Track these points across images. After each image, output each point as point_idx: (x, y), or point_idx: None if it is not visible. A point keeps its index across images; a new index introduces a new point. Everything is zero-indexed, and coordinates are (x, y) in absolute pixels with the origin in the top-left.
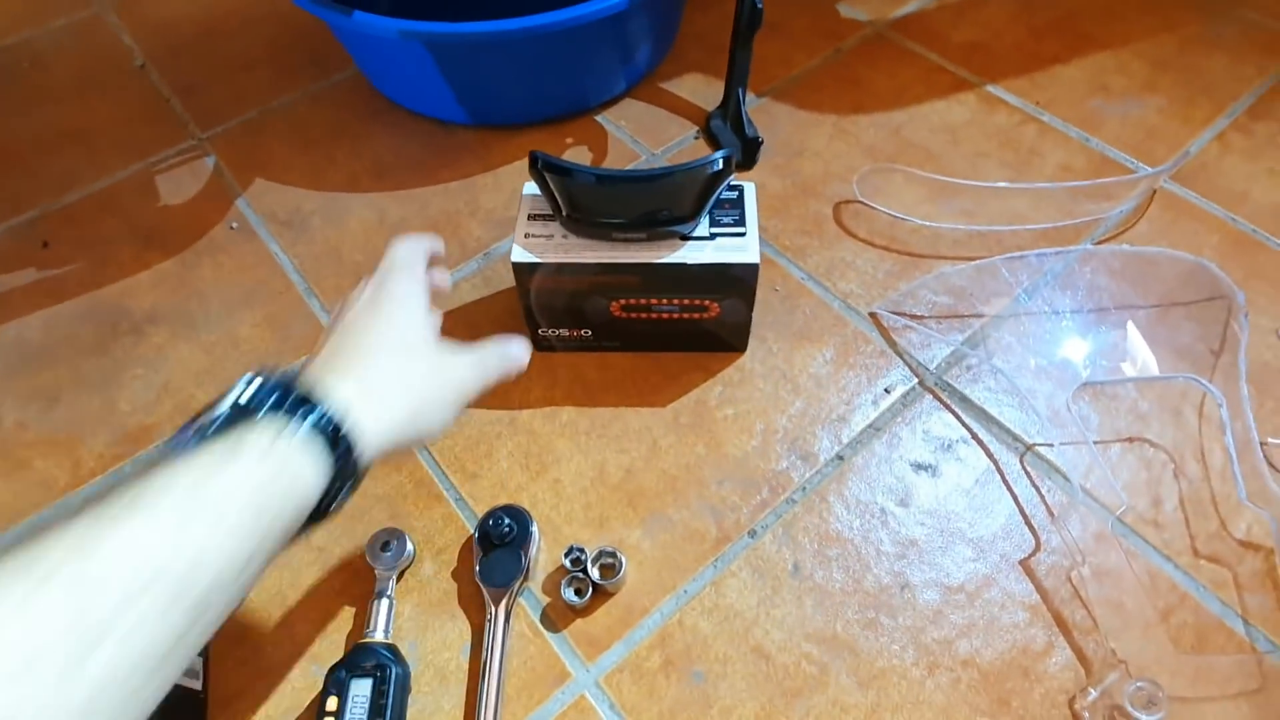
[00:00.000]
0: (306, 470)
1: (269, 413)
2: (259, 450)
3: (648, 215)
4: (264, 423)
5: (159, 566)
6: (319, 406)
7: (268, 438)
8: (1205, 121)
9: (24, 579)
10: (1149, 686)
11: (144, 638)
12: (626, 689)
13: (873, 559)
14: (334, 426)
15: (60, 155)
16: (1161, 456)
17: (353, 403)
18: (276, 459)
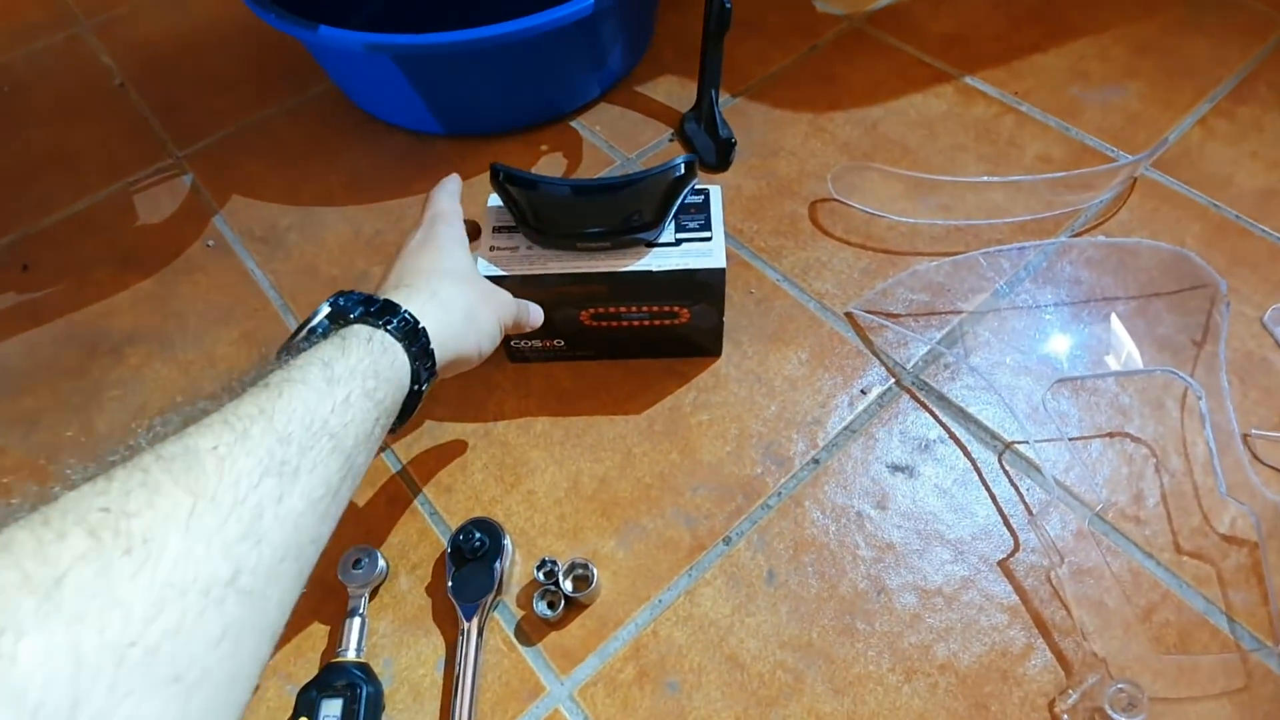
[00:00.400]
0: (400, 357)
1: (360, 315)
2: (364, 341)
3: (611, 224)
4: (359, 323)
5: (322, 423)
6: (400, 310)
7: (367, 332)
8: (1187, 106)
9: (227, 433)
10: (1130, 688)
11: (318, 482)
12: (601, 702)
13: (849, 564)
14: (413, 327)
15: (40, 178)
16: (1143, 451)
17: (424, 311)
18: (378, 347)
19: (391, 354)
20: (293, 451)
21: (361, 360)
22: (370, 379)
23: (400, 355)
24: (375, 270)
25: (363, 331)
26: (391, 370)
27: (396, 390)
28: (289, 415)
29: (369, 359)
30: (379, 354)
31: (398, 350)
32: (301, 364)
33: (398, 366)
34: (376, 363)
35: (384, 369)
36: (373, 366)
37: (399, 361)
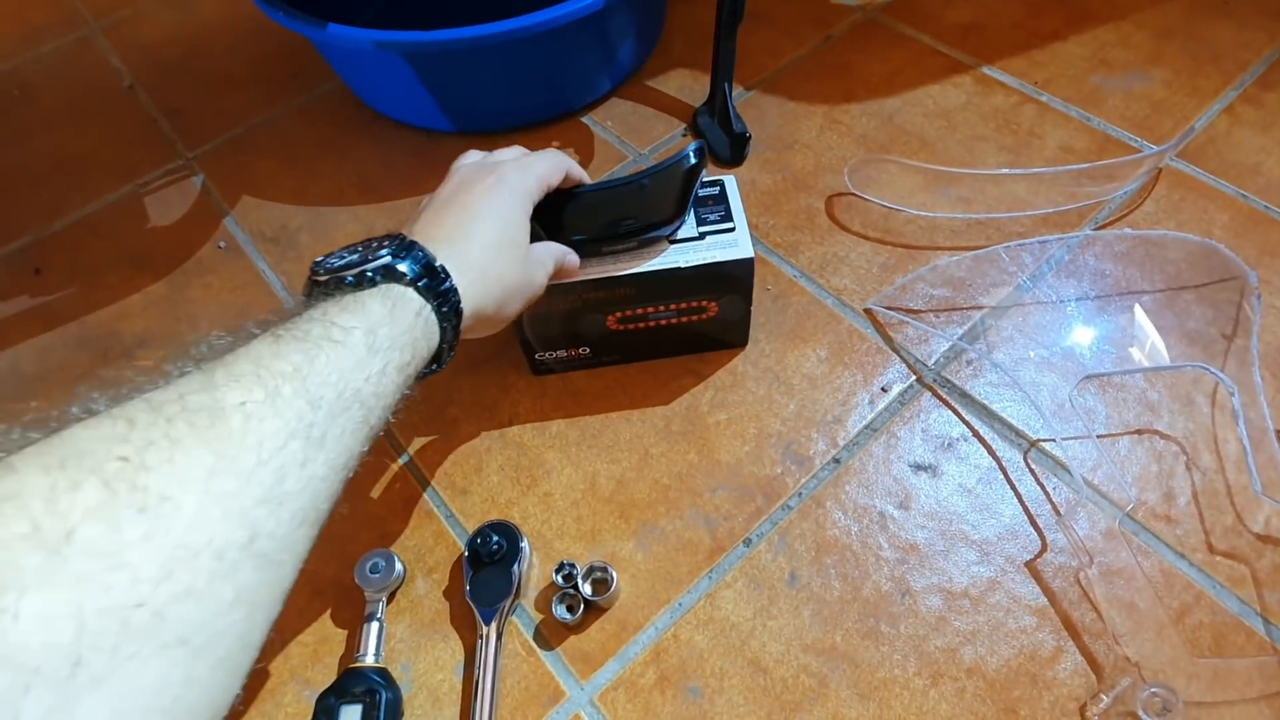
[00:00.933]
0: (435, 339)
1: (413, 282)
2: (412, 314)
3: (630, 224)
4: (413, 290)
5: (355, 391)
6: (453, 296)
7: (418, 305)
8: (1213, 93)
9: (259, 389)
10: (1164, 692)
11: (343, 448)
12: (621, 707)
13: (872, 565)
14: (456, 310)
15: (51, 181)
16: (1173, 448)
17: (466, 290)
18: (424, 325)
19: (431, 335)
20: (322, 416)
21: (405, 334)
22: (407, 352)
23: (436, 337)
24: None
25: (414, 303)
26: (426, 349)
27: (419, 366)
28: (323, 378)
29: (410, 334)
30: (421, 331)
31: (437, 333)
32: (346, 322)
33: (431, 347)
34: (416, 340)
35: (421, 347)
36: (412, 343)
37: (434, 343)
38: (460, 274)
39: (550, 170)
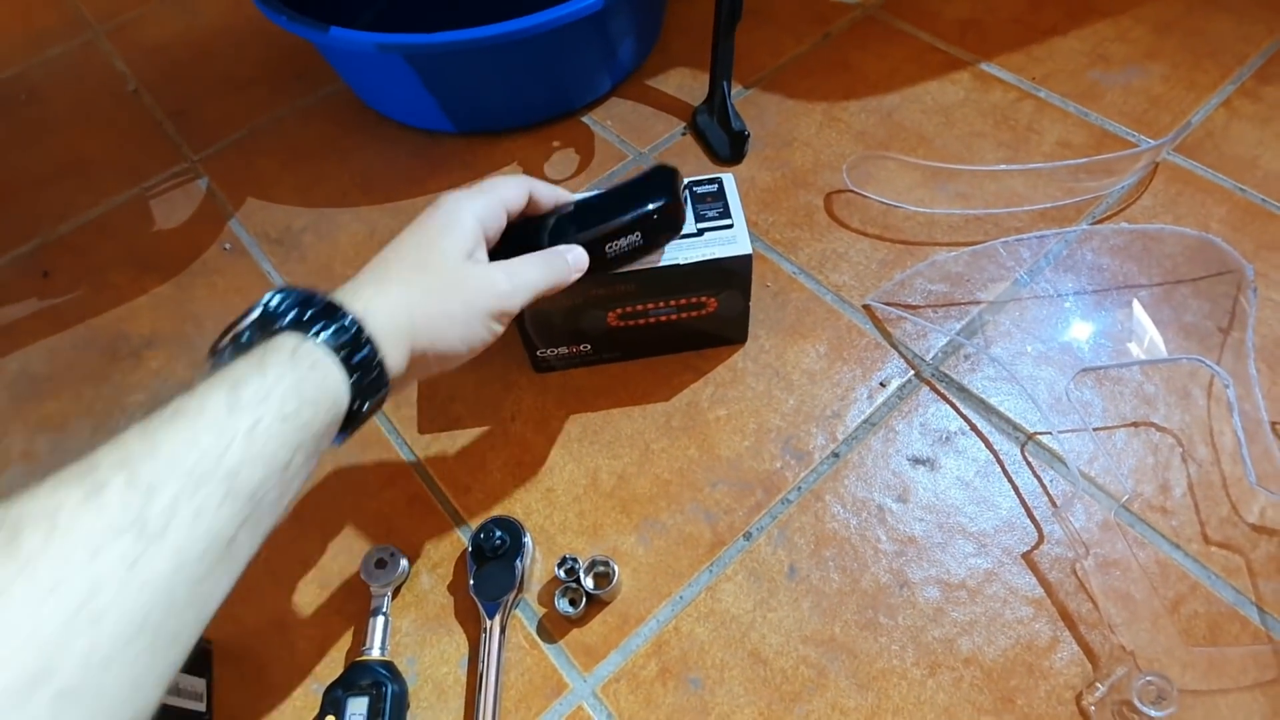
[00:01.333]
0: (333, 373)
1: (292, 322)
2: (287, 354)
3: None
4: (288, 331)
5: (213, 464)
6: (339, 314)
7: (293, 343)
8: (1211, 87)
9: (78, 488)
10: (1159, 680)
11: (200, 534)
12: (624, 698)
13: (870, 558)
14: (354, 335)
15: (58, 185)
16: (1169, 441)
17: (380, 310)
18: (304, 362)
19: (322, 370)
20: (161, 505)
21: (280, 380)
22: (291, 401)
23: (333, 371)
24: None
25: (287, 343)
26: (321, 390)
27: (329, 411)
28: (163, 460)
29: (290, 377)
30: (305, 370)
31: (330, 365)
32: (205, 388)
33: (329, 385)
34: (301, 382)
35: (310, 389)
36: (295, 387)
37: (331, 379)
38: (366, 300)
39: (509, 190)
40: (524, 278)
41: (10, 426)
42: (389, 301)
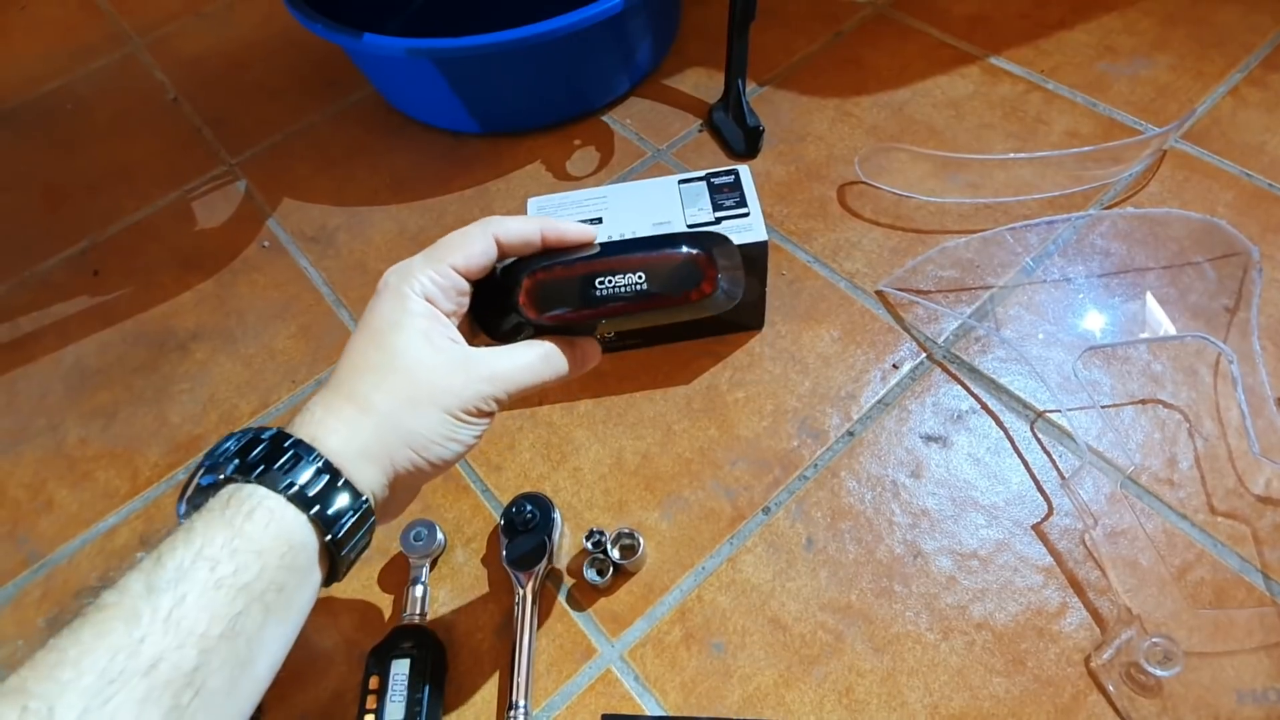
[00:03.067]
0: (283, 514)
1: (236, 469)
2: (219, 510)
3: None
4: (231, 480)
5: (121, 666)
6: (284, 448)
7: (229, 492)
8: (1218, 76)
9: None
10: (1165, 642)
11: None
12: (650, 661)
13: (885, 530)
14: (306, 463)
15: (105, 189)
16: (1176, 416)
17: (321, 435)
18: (239, 513)
19: (264, 515)
20: (76, 709)
21: (210, 542)
22: (225, 562)
23: (283, 513)
24: None
25: (223, 495)
26: (268, 537)
27: (285, 557)
28: (67, 675)
29: (222, 535)
30: (240, 522)
31: (276, 507)
32: (130, 573)
33: (279, 529)
34: (236, 536)
35: (250, 541)
36: (228, 544)
37: (279, 521)
38: (317, 425)
39: (467, 249)
40: (509, 376)
41: (66, 415)
42: (345, 423)
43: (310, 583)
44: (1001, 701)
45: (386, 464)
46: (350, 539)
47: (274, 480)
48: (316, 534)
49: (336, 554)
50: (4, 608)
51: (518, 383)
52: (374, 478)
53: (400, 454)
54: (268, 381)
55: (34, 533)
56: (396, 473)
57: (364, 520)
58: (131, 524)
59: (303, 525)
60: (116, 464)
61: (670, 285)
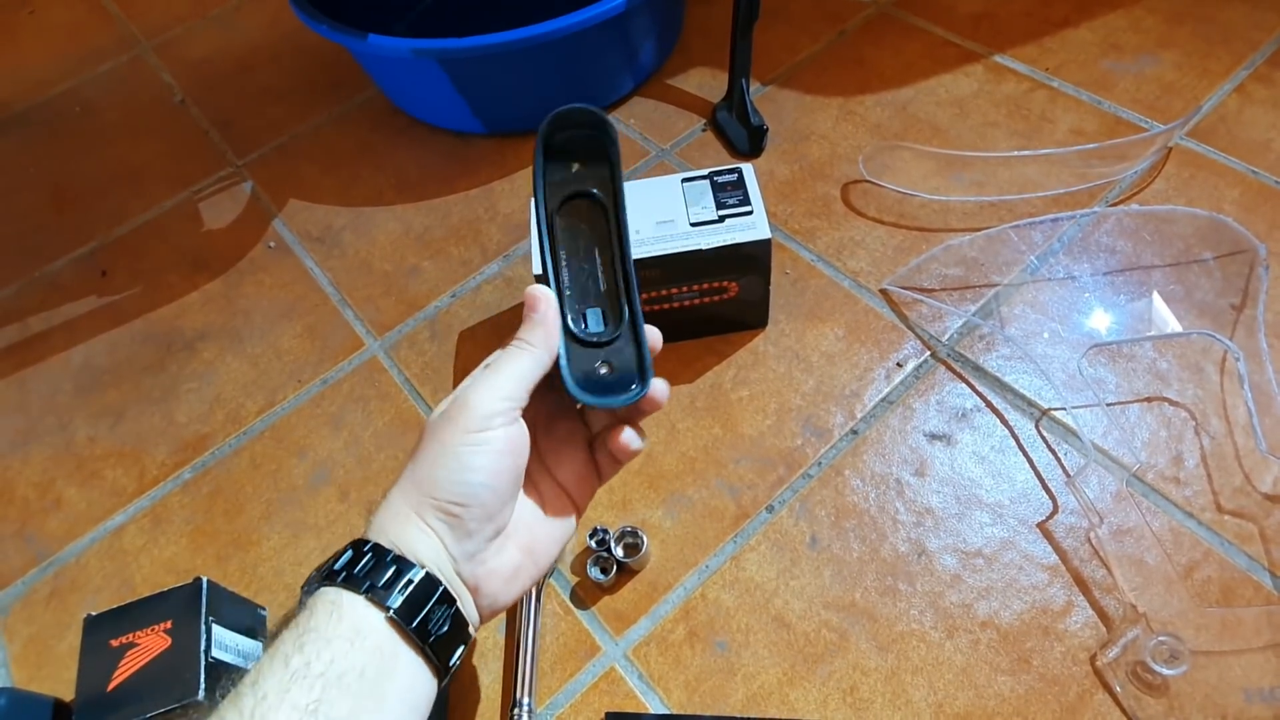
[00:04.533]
0: (343, 600)
1: (335, 575)
2: (300, 627)
3: None
4: (333, 585)
5: None
6: (366, 551)
7: (325, 600)
8: (1224, 73)
9: None
10: (1171, 641)
11: None
12: (654, 660)
13: (889, 528)
14: (356, 548)
15: (113, 190)
16: (1182, 414)
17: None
18: (309, 611)
19: (327, 608)
20: None
21: (280, 643)
22: (295, 656)
23: (339, 598)
24: (426, 265)
25: (323, 609)
26: (334, 623)
27: (357, 639)
28: None
29: (289, 636)
30: (305, 621)
31: (332, 599)
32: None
33: (344, 614)
34: (303, 634)
35: (316, 632)
36: (296, 641)
37: (341, 607)
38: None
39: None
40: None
41: (74, 414)
42: (384, 505)
43: (400, 663)
44: (1006, 700)
45: (420, 524)
46: (414, 610)
47: (324, 576)
48: (377, 609)
49: (405, 625)
50: (13, 605)
51: (513, 381)
52: (422, 541)
53: (424, 506)
54: (274, 381)
55: (43, 531)
56: (431, 527)
57: (426, 588)
58: (139, 522)
59: (358, 604)
60: (124, 463)
61: None
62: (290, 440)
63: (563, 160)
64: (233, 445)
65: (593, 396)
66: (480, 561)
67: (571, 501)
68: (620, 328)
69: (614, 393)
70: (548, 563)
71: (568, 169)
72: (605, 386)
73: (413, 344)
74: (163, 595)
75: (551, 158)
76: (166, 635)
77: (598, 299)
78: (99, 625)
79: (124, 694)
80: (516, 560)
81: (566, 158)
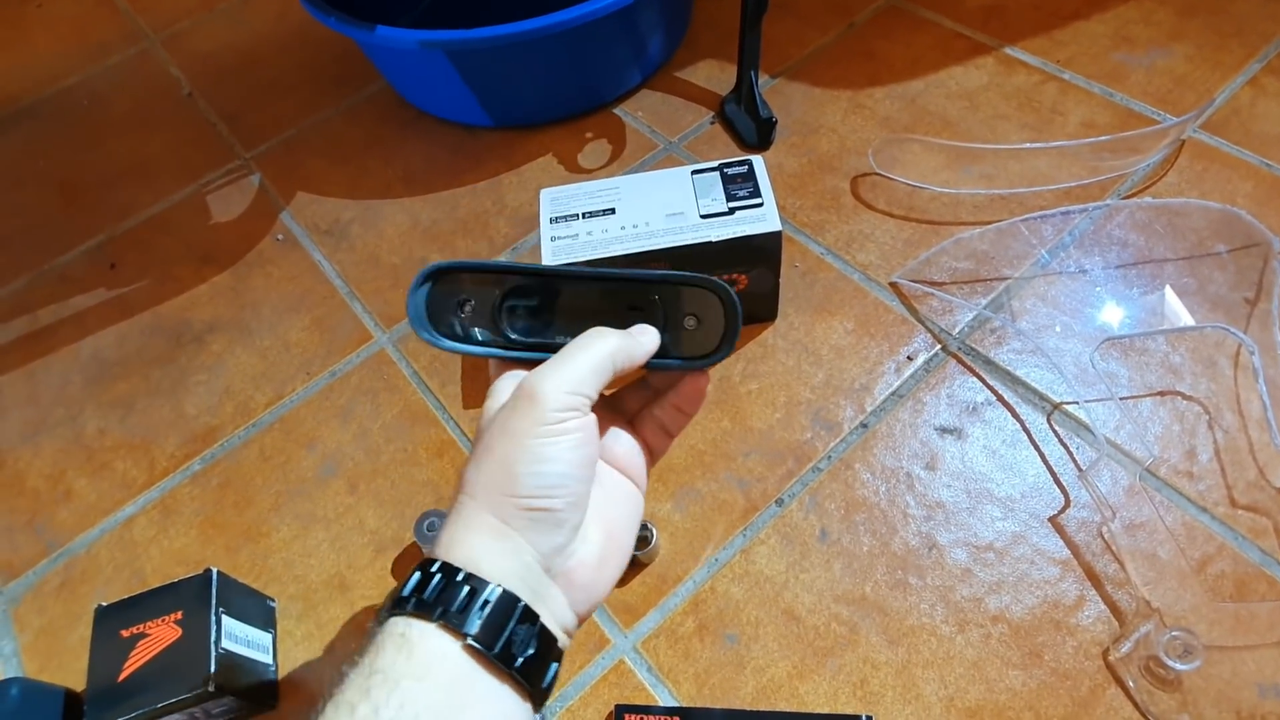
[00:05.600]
0: (412, 630)
1: (408, 598)
2: (372, 656)
3: None
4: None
5: None
6: (438, 572)
7: (396, 628)
8: (1237, 66)
9: None
10: (1185, 635)
11: None
12: (663, 653)
13: (900, 522)
14: (424, 569)
15: (121, 183)
16: (1195, 408)
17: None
18: (377, 647)
19: (395, 641)
20: None
21: (345, 688)
22: (362, 704)
23: (407, 628)
24: (433, 258)
25: (394, 635)
26: (404, 657)
27: (428, 675)
28: None
29: (356, 678)
30: (371, 659)
31: (400, 630)
32: None
33: (413, 646)
34: (370, 675)
35: (380, 672)
36: (361, 686)
37: (409, 637)
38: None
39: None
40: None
41: (84, 406)
42: (454, 517)
43: (479, 694)
44: (1018, 695)
45: (500, 528)
46: (495, 633)
47: (393, 605)
48: (452, 637)
49: (486, 652)
50: (25, 596)
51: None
52: (499, 551)
53: (504, 507)
54: (283, 374)
55: (53, 522)
56: (515, 528)
57: (505, 607)
58: (149, 514)
59: (429, 633)
60: (134, 454)
61: None
62: (299, 432)
63: None
64: (242, 437)
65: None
66: (569, 554)
67: (631, 480)
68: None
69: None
70: (629, 544)
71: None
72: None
73: None
74: (173, 586)
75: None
76: (177, 626)
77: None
78: (110, 616)
79: (135, 684)
80: (600, 546)
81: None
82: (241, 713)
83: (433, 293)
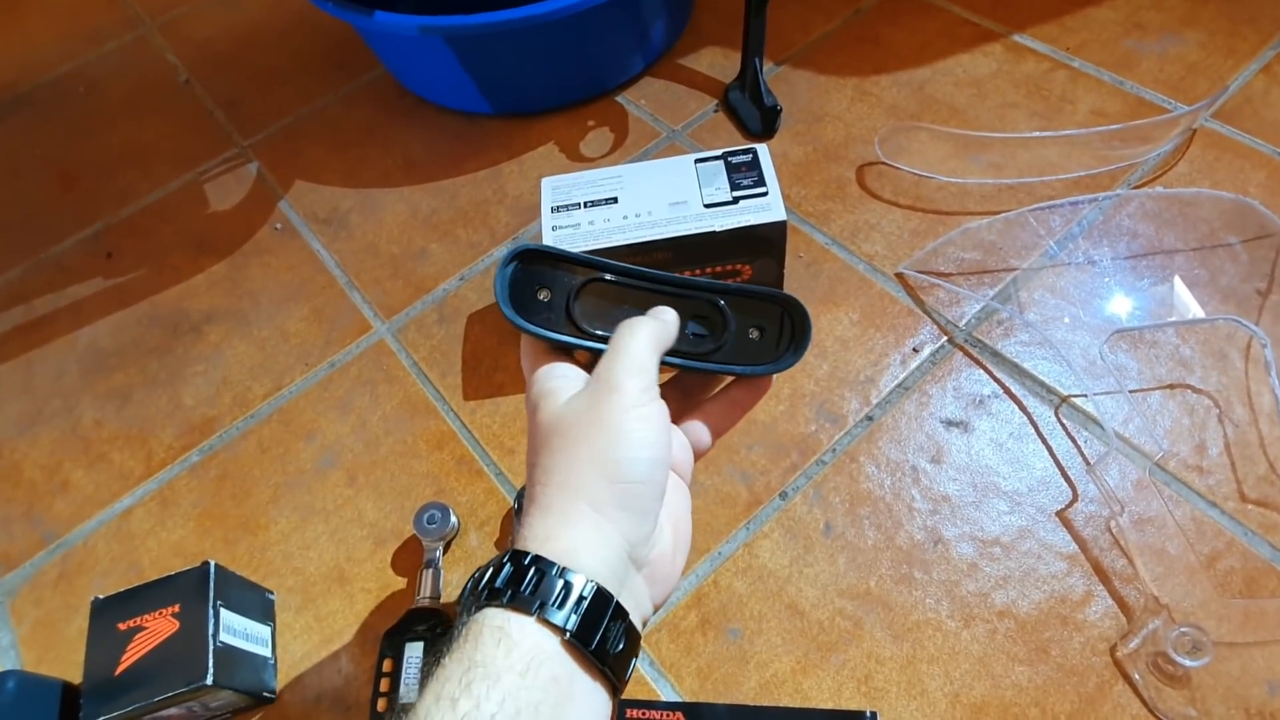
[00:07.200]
0: (512, 625)
1: (488, 585)
2: (466, 642)
3: None
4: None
5: None
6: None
7: (485, 619)
8: (1250, 54)
9: None
10: (1193, 632)
11: None
12: (665, 647)
13: (905, 516)
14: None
15: (118, 172)
16: (1205, 402)
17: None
18: (474, 638)
19: (493, 634)
20: None
21: (447, 679)
22: (463, 699)
23: (506, 622)
24: (434, 248)
25: (478, 627)
26: (503, 653)
27: (529, 671)
28: None
29: (456, 669)
30: (470, 651)
31: (495, 623)
32: None
33: (513, 642)
34: (470, 669)
35: (482, 667)
36: (462, 679)
37: (508, 633)
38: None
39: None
40: None
41: (81, 397)
42: (533, 506)
43: (576, 691)
44: (1024, 690)
45: (595, 519)
46: (591, 629)
47: (487, 595)
48: (552, 633)
49: (583, 648)
50: (21, 588)
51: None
52: (592, 542)
53: (600, 496)
54: (281, 364)
55: (50, 513)
56: (610, 517)
57: (599, 604)
58: (146, 505)
59: (528, 628)
60: (131, 445)
61: None
62: (298, 424)
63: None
64: (240, 428)
65: None
66: (652, 544)
67: (679, 475)
68: (723, 327)
69: None
70: (689, 537)
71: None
72: None
73: (420, 327)
74: (171, 579)
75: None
76: (174, 619)
77: None
78: (107, 608)
79: (132, 677)
80: (670, 537)
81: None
82: (240, 706)
83: (517, 272)
